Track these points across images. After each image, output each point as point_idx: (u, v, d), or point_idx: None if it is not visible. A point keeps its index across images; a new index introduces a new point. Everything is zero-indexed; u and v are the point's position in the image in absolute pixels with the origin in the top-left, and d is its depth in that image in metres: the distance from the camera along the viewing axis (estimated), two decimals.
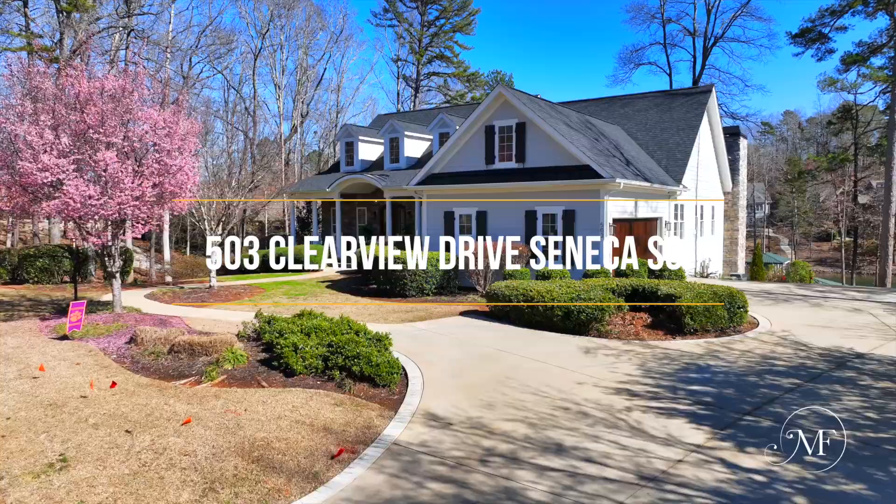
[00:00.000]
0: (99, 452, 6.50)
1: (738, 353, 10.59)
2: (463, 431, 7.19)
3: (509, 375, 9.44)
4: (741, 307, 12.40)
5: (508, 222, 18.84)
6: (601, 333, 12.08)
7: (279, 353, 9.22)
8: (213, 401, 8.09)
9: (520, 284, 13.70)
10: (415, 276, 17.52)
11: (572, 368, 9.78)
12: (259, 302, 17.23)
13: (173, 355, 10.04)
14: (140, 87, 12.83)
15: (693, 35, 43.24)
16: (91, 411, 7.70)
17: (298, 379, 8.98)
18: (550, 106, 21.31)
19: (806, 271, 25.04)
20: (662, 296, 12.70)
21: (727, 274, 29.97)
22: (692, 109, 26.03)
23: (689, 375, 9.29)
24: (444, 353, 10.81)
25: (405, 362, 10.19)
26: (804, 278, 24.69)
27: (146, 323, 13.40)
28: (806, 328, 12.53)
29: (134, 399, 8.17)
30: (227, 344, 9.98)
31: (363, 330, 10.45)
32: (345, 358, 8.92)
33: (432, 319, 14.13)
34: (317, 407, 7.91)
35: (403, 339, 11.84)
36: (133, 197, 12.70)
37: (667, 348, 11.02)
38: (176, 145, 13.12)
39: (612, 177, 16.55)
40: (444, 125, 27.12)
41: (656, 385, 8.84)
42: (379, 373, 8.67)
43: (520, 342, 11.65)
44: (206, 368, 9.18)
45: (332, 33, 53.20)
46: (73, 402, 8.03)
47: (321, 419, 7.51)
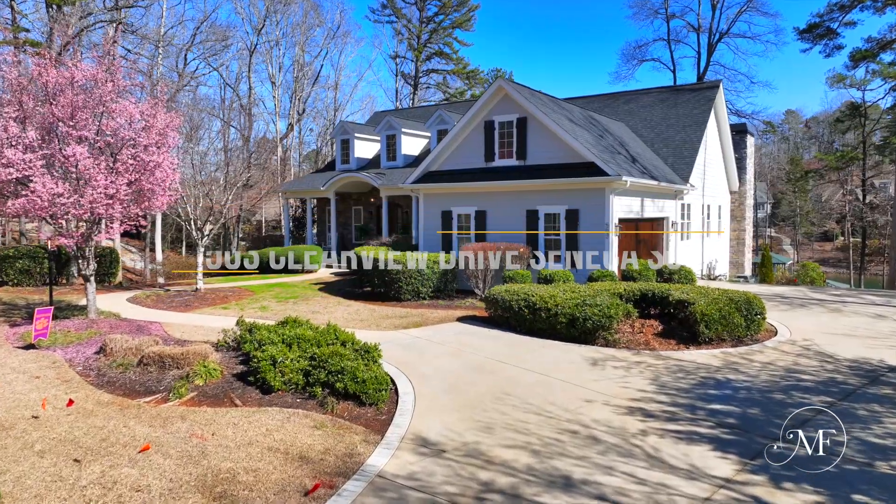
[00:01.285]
0: (39, 487, 5.66)
1: (758, 365, 9.73)
2: (457, 460, 6.34)
3: (509, 391, 8.59)
4: (759, 314, 11.55)
5: (509, 222, 17.99)
6: (609, 342, 11.23)
7: (256, 366, 8.36)
8: (178, 423, 7.23)
9: (521, 289, 12.85)
10: (410, 279, 16.66)
11: (579, 383, 8.92)
12: (246, 306, 16.37)
13: (142, 368, 9.18)
14: (115, 78, 11.96)
15: (697, 31, 42.37)
16: (40, 435, 6.85)
17: (276, 396, 8.13)
18: (552, 101, 20.46)
19: (816, 273, 24.18)
20: (674, 302, 11.85)
21: (734, 276, 29.10)
22: (699, 105, 25.16)
23: (707, 392, 8.44)
24: (438, 365, 9.96)
25: (396, 375, 9.34)
26: (814, 280, 23.84)
27: (121, 330, 12.55)
28: (828, 337, 11.67)
29: (90, 420, 7.31)
30: (200, 356, 9.12)
31: (351, 340, 9.60)
32: (328, 373, 8.07)
33: (427, 326, 13.28)
34: (293, 430, 7.05)
35: (395, 349, 10.99)
36: (106, 195, 11.84)
37: (681, 359, 10.16)
38: (154, 140, 12.27)
39: (618, 174, 15.69)
40: (442, 122, 26.26)
41: (673, 403, 7.99)
42: (365, 390, 7.81)
43: (521, 351, 10.80)
44: (174, 384, 8.33)
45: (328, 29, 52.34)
46: (22, 424, 7.18)
47: (297, 446, 6.65)
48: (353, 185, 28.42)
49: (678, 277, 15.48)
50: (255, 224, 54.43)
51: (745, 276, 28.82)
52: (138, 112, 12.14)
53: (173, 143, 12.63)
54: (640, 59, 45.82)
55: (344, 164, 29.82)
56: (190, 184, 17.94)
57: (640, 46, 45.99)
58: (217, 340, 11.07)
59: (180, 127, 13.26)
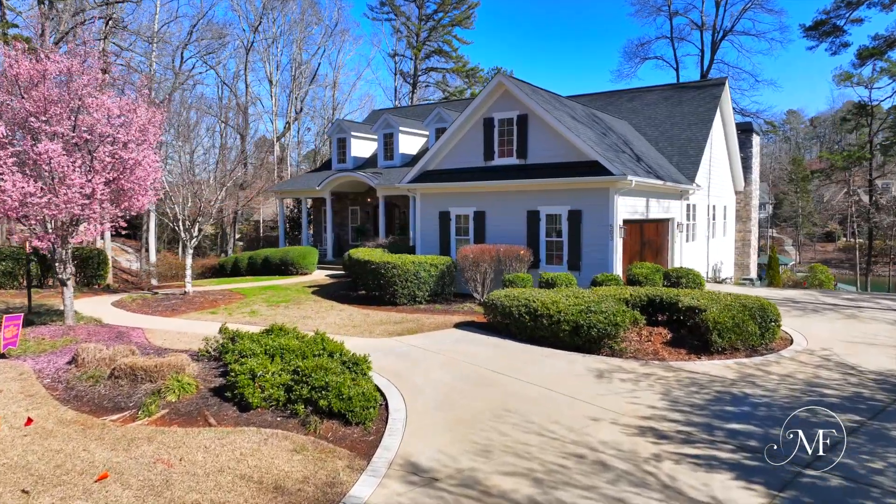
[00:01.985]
0: None
1: (776, 378, 9.06)
2: (451, 490, 5.67)
3: (509, 407, 7.92)
4: (774, 321, 10.88)
5: (509, 223, 17.32)
6: (615, 352, 10.56)
7: (233, 381, 7.69)
8: (144, 445, 6.56)
9: (521, 294, 12.18)
10: (406, 283, 16.00)
11: (584, 398, 8.25)
12: (235, 311, 15.72)
13: (113, 381, 8.51)
14: (91, 71, 11.29)
15: (701, 28, 41.67)
16: None
17: (255, 414, 7.46)
18: (554, 97, 19.79)
19: (825, 275, 23.48)
20: (684, 308, 11.18)
21: (739, 278, 28.43)
22: (704, 103, 24.49)
23: (724, 409, 7.77)
24: (433, 377, 9.29)
25: (387, 388, 8.68)
26: (823, 283, 23.15)
27: (99, 337, 11.90)
28: (848, 346, 11.00)
29: (48, 442, 6.65)
30: (175, 368, 8.45)
31: (339, 350, 8.94)
32: (311, 388, 7.40)
33: (423, 333, 12.61)
34: (270, 455, 6.38)
35: (388, 358, 10.33)
36: (83, 195, 11.18)
37: (692, 371, 9.49)
38: (133, 137, 11.60)
39: (623, 174, 15.02)
40: (440, 120, 25.60)
41: (687, 422, 7.32)
42: (351, 408, 7.15)
43: (521, 361, 10.14)
44: (145, 400, 7.66)
45: (326, 27, 51.65)
46: None
47: (274, 473, 5.99)
48: (349, 185, 27.76)
49: (686, 281, 14.80)
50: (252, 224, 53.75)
51: (751, 278, 28.15)
52: (117, 107, 11.47)
53: (154, 140, 11.96)
54: (643, 57, 45.15)
55: (340, 164, 29.16)
56: (178, 183, 17.27)
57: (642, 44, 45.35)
58: (199, 349, 10.43)
59: (163, 123, 12.58)
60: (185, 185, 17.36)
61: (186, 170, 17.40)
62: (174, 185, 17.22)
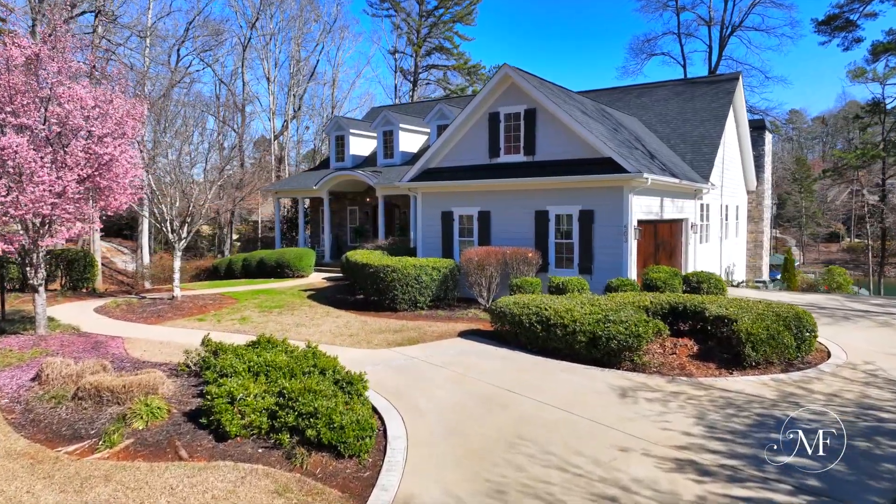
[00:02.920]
0: None
1: (821, 398, 8.09)
2: None
3: (524, 433, 6.96)
4: (810, 331, 9.92)
5: (515, 224, 16.35)
6: (636, 366, 9.59)
7: (209, 405, 6.73)
8: (100, 486, 5.60)
9: (532, 301, 11.22)
10: (407, 287, 15.03)
11: (608, 423, 7.29)
12: (224, 317, 14.76)
13: (76, 403, 7.56)
14: (64, 57, 10.33)
15: (709, 24, 40.70)
16: None
17: (233, 444, 6.49)
18: (563, 91, 18.83)
19: (843, 278, 22.47)
20: (712, 318, 10.21)
21: (752, 280, 27.45)
22: (718, 98, 23.52)
23: (770, 436, 6.80)
24: (437, 395, 8.33)
25: (386, 409, 7.73)
26: (841, 285, 22.15)
27: (74, 347, 10.95)
28: (892, 359, 10.03)
29: None
30: (146, 388, 7.49)
31: (332, 367, 7.98)
32: (297, 415, 6.44)
33: (425, 343, 11.65)
34: (248, 498, 5.42)
35: (387, 373, 9.37)
36: (53, 193, 10.22)
37: (726, 389, 8.52)
38: (109, 130, 10.64)
39: (639, 171, 14.05)
40: (442, 117, 24.63)
41: (731, 453, 6.35)
42: (344, 438, 6.18)
43: (535, 377, 9.18)
44: (107, 428, 6.69)
45: (325, 23, 50.66)
46: None
47: None
48: (347, 184, 26.80)
49: (707, 287, 13.82)
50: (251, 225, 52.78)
51: (764, 280, 27.18)
52: (91, 97, 10.50)
53: (133, 134, 11.00)
54: (649, 54, 44.18)
55: (339, 162, 28.19)
56: (165, 182, 16.31)
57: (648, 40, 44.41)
58: (178, 363, 9.49)
59: (143, 116, 11.62)
60: (173, 183, 16.39)
61: (174, 167, 16.40)
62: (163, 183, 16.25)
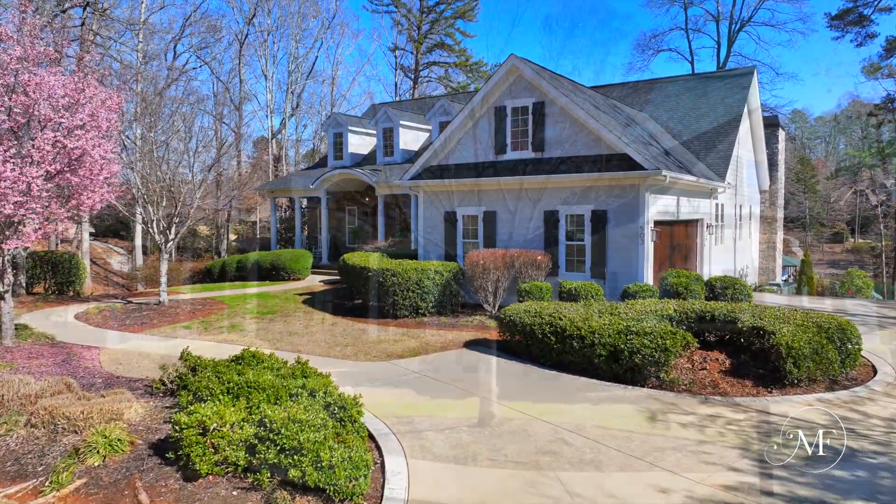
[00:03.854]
0: None
1: (880, 423, 7.12)
2: None
3: (544, 468, 5.99)
4: (855, 345, 8.96)
5: (523, 225, 15.38)
6: (663, 383, 8.62)
7: (178, 437, 5.75)
8: None
9: (545, 309, 10.25)
10: (408, 292, 14.07)
11: (640, 454, 6.32)
12: (212, 324, 13.79)
13: (28, 430, 6.58)
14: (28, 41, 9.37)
15: (717, 19, 39.73)
16: None
17: (204, 485, 5.52)
18: (572, 84, 17.86)
19: (863, 281, 21.55)
20: (745, 329, 9.23)
21: (765, 283, 26.48)
22: (732, 94, 22.53)
23: (832, 473, 5.83)
24: (442, 420, 7.36)
25: (384, 436, 6.77)
26: (861, 289, 21.23)
27: (44, 359, 9.99)
28: None
29: None
30: (109, 414, 6.52)
31: (324, 388, 7.00)
32: (279, 450, 5.46)
33: (428, 354, 10.69)
34: None
35: (386, 391, 8.41)
36: (18, 191, 9.25)
37: (767, 412, 7.55)
38: (80, 122, 9.67)
39: (657, 168, 13.09)
40: (444, 113, 23.66)
41: (792, 497, 5.38)
42: (333, 480, 5.21)
43: (551, 397, 8.21)
44: (57, 464, 5.72)
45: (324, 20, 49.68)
46: None
47: None
48: (346, 183, 25.82)
49: (732, 293, 12.85)
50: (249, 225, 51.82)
51: (778, 283, 26.21)
52: (61, 86, 9.54)
53: (107, 127, 10.03)
54: (656, 49, 43.24)
55: (337, 160, 27.22)
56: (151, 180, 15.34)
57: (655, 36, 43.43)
58: (153, 380, 8.53)
59: (120, 108, 10.66)
60: (159, 182, 15.42)
61: (157, 165, 15.44)
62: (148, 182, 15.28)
